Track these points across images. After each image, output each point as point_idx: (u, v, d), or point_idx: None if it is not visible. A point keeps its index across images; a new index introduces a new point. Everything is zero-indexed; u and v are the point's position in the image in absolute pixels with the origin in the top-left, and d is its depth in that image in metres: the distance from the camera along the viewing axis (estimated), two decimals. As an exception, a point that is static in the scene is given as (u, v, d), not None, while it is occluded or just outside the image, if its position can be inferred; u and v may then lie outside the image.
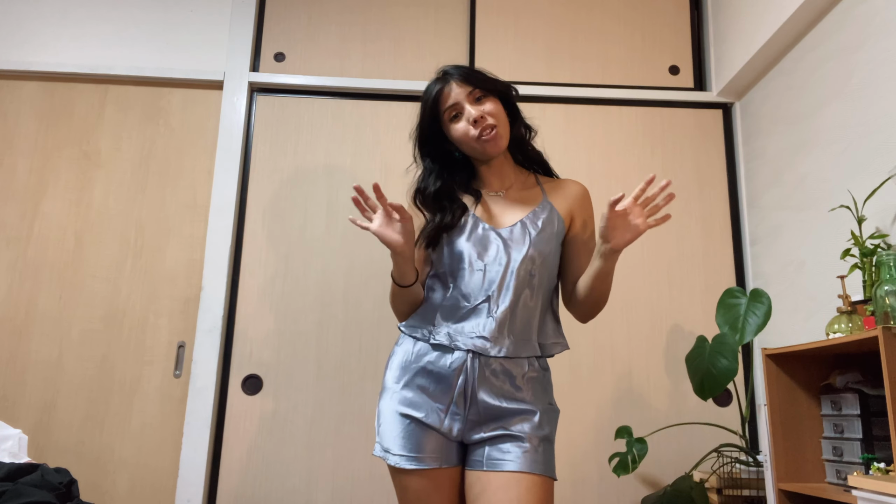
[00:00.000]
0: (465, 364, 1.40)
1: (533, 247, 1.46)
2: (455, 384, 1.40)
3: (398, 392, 1.44)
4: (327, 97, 2.80)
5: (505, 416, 1.39)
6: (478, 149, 1.50)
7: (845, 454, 1.71)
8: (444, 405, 1.40)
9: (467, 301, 1.45)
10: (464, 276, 1.46)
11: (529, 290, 1.45)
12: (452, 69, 1.53)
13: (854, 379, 1.72)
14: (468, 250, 1.47)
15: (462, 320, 1.43)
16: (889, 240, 1.82)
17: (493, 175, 1.57)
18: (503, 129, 1.50)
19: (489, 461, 1.36)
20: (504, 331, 1.41)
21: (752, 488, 2.06)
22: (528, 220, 1.49)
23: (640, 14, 2.93)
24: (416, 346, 1.46)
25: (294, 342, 2.57)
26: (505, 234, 1.48)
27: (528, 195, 1.55)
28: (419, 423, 1.39)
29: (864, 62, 1.99)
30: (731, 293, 2.18)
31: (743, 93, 2.75)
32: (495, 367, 1.41)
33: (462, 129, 1.49)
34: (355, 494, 2.46)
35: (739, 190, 2.75)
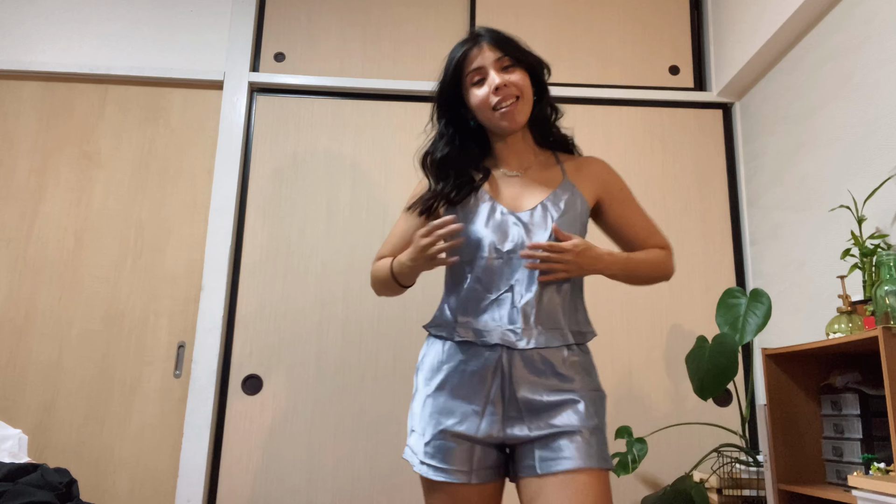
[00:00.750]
0: (499, 360, 1.32)
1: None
2: (490, 383, 1.32)
3: (430, 395, 1.36)
4: (327, 97, 2.80)
5: (548, 410, 1.30)
6: (493, 120, 1.40)
7: (845, 454, 1.71)
8: (479, 406, 1.31)
9: (489, 292, 1.36)
10: (483, 266, 1.36)
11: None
12: (485, 31, 1.43)
13: (854, 379, 1.72)
14: (487, 237, 1.37)
15: (485, 313, 1.35)
16: (889, 240, 1.82)
17: (510, 153, 1.47)
18: (524, 105, 1.40)
19: (542, 463, 1.26)
20: (531, 321, 1.33)
21: (752, 488, 2.06)
22: (549, 201, 1.40)
23: (640, 14, 2.93)
24: (446, 346, 1.38)
25: (294, 342, 2.57)
26: (525, 218, 1.38)
27: (547, 175, 1.45)
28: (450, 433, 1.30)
29: (864, 62, 1.99)
30: (731, 293, 2.18)
31: (743, 93, 2.75)
32: (532, 358, 1.32)
33: (481, 96, 1.39)
34: (355, 494, 2.46)
35: (739, 190, 2.75)
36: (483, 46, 1.41)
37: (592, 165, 1.50)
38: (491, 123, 1.42)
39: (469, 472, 1.29)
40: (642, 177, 2.76)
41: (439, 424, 1.32)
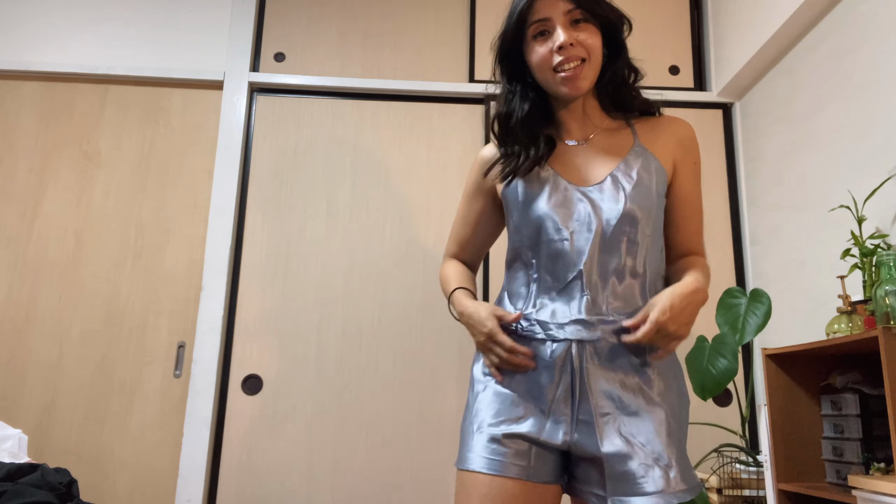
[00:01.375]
0: (567, 353, 1.14)
1: (630, 202, 1.17)
2: (558, 380, 1.14)
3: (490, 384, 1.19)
4: (327, 97, 2.80)
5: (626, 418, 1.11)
6: (552, 82, 1.21)
7: (845, 454, 1.71)
8: (545, 405, 1.15)
9: (555, 278, 1.18)
10: (547, 249, 1.19)
11: (630, 257, 1.18)
12: None
13: (854, 379, 1.72)
14: (550, 216, 1.19)
15: (552, 302, 1.18)
16: (889, 240, 1.82)
17: (573, 119, 1.27)
18: (591, 70, 1.20)
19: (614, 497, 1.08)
20: (603, 310, 1.15)
21: (752, 488, 2.06)
22: (620, 171, 1.20)
23: (640, 14, 2.93)
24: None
25: (294, 342, 2.57)
26: (592, 194, 1.19)
27: (616, 141, 1.26)
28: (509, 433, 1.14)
29: (864, 62, 1.99)
30: (731, 293, 2.18)
31: (743, 93, 2.75)
32: (607, 352, 1.14)
33: (542, 53, 1.20)
34: (355, 494, 2.46)
35: (739, 190, 2.75)
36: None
37: (673, 126, 1.29)
38: (549, 86, 1.22)
39: (526, 467, 1.12)
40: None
41: (498, 417, 1.16)
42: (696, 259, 1.28)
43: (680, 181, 1.27)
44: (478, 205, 1.35)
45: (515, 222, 1.25)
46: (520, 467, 1.12)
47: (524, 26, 1.22)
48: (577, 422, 1.13)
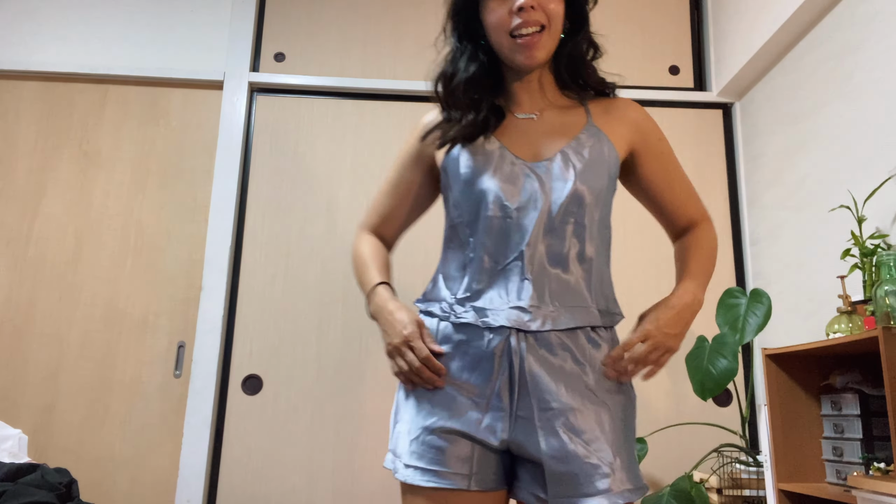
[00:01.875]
0: (506, 344, 1.05)
1: (579, 181, 1.08)
2: (496, 372, 1.05)
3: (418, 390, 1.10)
4: (327, 97, 2.80)
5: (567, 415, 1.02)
6: (506, 48, 1.11)
7: (845, 454, 1.71)
8: (482, 399, 1.05)
9: (494, 260, 1.09)
10: (487, 227, 1.09)
11: (577, 239, 1.09)
12: None
13: (854, 379, 1.72)
14: (493, 191, 1.09)
15: (490, 287, 1.08)
16: (889, 240, 1.82)
17: (525, 91, 1.18)
18: (550, 39, 1.11)
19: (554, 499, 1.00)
20: (545, 296, 1.06)
21: (752, 488, 2.06)
22: (571, 149, 1.11)
23: (640, 14, 2.93)
24: (441, 326, 1.11)
25: (294, 342, 2.57)
26: (541, 170, 1.10)
27: (569, 119, 1.17)
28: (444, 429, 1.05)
29: (864, 62, 1.99)
30: (731, 293, 2.18)
31: (743, 93, 2.75)
32: (549, 343, 1.05)
33: (499, 14, 1.10)
34: (355, 494, 2.46)
35: (739, 190, 2.75)
36: None
37: (626, 108, 1.21)
38: (503, 52, 1.13)
39: (468, 475, 1.03)
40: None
41: (430, 418, 1.06)
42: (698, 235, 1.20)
43: (649, 160, 1.20)
44: (411, 174, 1.22)
45: (455, 196, 1.14)
46: (461, 476, 1.03)
47: None
48: (515, 418, 1.04)
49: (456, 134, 1.13)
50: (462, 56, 1.17)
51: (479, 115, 1.13)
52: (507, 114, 1.17)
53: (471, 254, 1.11)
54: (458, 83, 1.15)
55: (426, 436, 1.05)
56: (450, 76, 1.17)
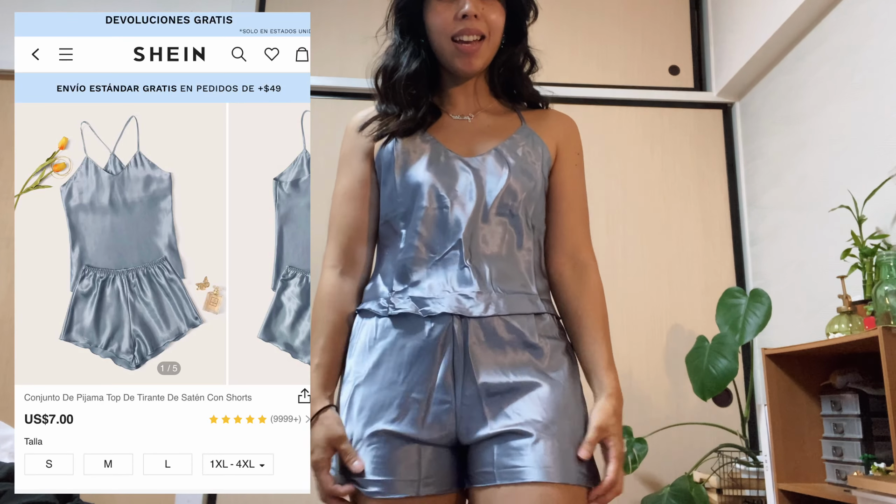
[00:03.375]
0: (448, 331, 1.02)
1: (512, 176, 1.10)
2: (437, 362, 1.02)
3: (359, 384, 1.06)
4: (327, 97, 2.80)
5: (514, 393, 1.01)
6: (446, 51, 1.13)
7: (845, 454, 1.71)
8: (423, 394, 1.01)
9: (432, 251, 1.08)
10: (424, 218, 1.09)
11: (515, 230, 1.10)
12: None
13: (854, 379, 1.73)
14: (428, 182, 1.09)
15: (428, 277, 1.07)
16: (889, 240, 1.82)
17: (461, 94, 1.20)
18: (489, 48, 1.13)
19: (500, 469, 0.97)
20: (487, 283, 1.05)
21: (752, 488, 2.06)
22: (505, 147, 1.13)
23: (640, 14, 2.93)
24: (379, 322, 1.08)
25: (294, 342, 2.57)
26: (475, 164, 1.11)
27: (502, 121, 1.19)
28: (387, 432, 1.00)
29: (865, 62, 1.99)
30: (731, 293, 2.18)
31: (743, 93, 2.75)
32: (494, 327, 1.03)
33: (443, 19, 1.11)
34: (355, 494, 2.45)
35: (739, 190, 2.75)
36: None
37: (557, 116, 1.23)
38: (443, 55, 1.14)
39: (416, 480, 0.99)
40: (642, 177, 2.76)
41: (372, 422, 1.02)
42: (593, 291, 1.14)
43: (563, 167, 1.18)
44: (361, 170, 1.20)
45: (389, 190, 1.14)
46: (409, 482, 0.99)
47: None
48: (462, 405, 1.01)
49: (395, 127, 1.15)
50: (404, 52, 1.19)
51: (419, 111, 1.15)
52: (443, 113, 1.18)
53: (406, 244, 1.10)
54: (400, 78, 1.17)
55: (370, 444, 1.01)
56: (390, 70, 1.20)
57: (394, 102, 1.18)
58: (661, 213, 2.73)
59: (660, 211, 2.73)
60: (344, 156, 1.25)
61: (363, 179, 1.21)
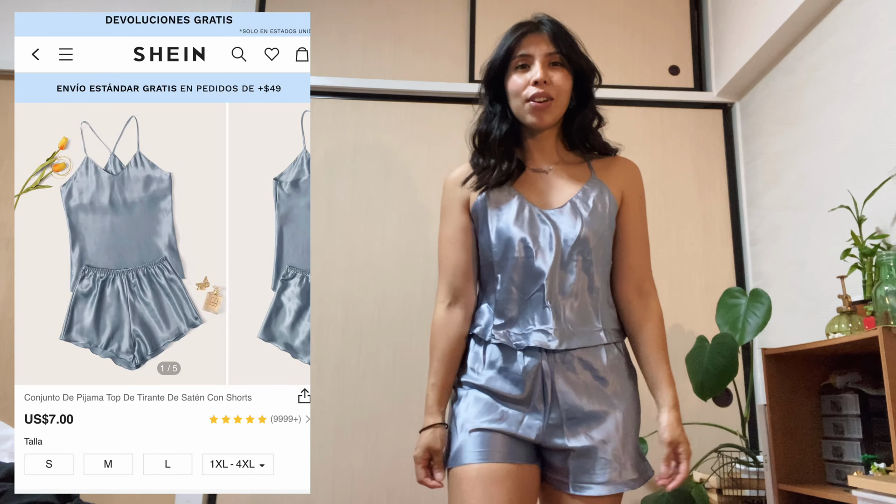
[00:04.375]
0: (539, 363, 1.30)
1: (586, 227, 1.34)
2: (531, 388, 1.30)
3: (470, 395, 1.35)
4: (327, 97, 2.80)
5: (588, 420, 1.29)
6: (522, 110, 1.38)
7: (845, 454, 1.71)
8: (520, 412, 1.31)
9: (522, 292, 1.34)
10: (515, 265, 1.34)
11: (586, 274, 1.34)
12: (548, 21, 1.42)
13: (854, 379, 1.72)
14: (517, 235, 1.34)
15: (519, 314, 1.34)
16: (889, 240, 1.82)
17: (538, 149, 1.43)
18: (557, 107, 1.38)
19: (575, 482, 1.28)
20: (562, 321, 1.31)
21: (752, 488, 2.06)
22: (578, 199, 1.37)
23: (639, 14, 2.93)
24: (487, 349, 1.36)
25: (294, 342, 2.57)
26: (554, 216, 1.36)
27: (575, 172, 1.42)
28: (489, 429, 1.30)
29: (864, 62, 1.99)
30: (731, 293, 2.18)
31: (743, 93, 2.75)
32: (571, 361, 1.31)
33: (519, 83, 1.37)
34: (355, 494, 2.46)
35: (739, 190, 2.75)
36: (540, 35, 1.39)
37: (622, 163, 1.47)
38: (520, 112, 1.39)
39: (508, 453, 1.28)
40: (642, 177, 2.75)
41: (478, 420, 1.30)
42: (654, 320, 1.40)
43: (625, 209, 1.42)
44: (460, 219, 1.43)
45: (486, 239, 1.38)
46: (502, 454, 1.27)
47: (510, 57, 1.39)
48: (547, 425, 1.30)
49: (492, 180, 1.39)
50: (495, 117, 1.43)
51: (512, 164, 1.40)
52: (525, 167, 1.43)
53: (502, 287, 1.36)
54: (494, 139, 1.41)
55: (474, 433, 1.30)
56: (485, 133, 1.43)
57: (490, 157, 1.42)
58: (661, 213, 2.73)
59: (660, 211, 2.73)
60: (444, 207, 1.46)
61: (464, 227, 1.43)
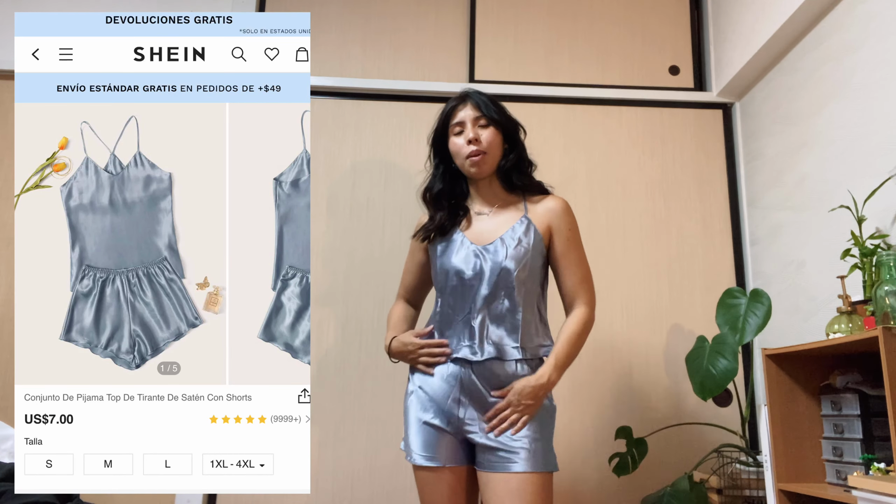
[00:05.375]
0: (460, 371, 1.62)
1: (509, 259, 1.63)
2: (454, 390, 1.62)
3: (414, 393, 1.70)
4: (327, 97, 2.80)
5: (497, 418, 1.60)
6: (464, 166, 1.70)
7: (845, 454, 1.71)
8: (445, 408, 1.63)
9: (455, 314, 1.66)
10: (452, 291, 1.67)
11: (508, 299, 1.62)
12: (474, 94, 1.73)
13: (854, 379, 1.72)
14: (455, 266, 1.67)
15: (453, 331, 1.66)
16: (889, 240, 1.82)
17: (480, 194, 1.76)
18: (491, 158, 1.69)
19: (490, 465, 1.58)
20: (483, 337, 1.62)
21: (752, 488, 2.06)
22: (507, 235, 1.67)
23: (639, 14, 2.93)
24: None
25: (294, 342, 2.56)
26: (486, 250, 1.66)
27: (510, 214, 1.72)
28: (430, 426, 1.63)
29: (864, 62, 1.99)
30: (731, 293, 2.18)
31: (743, 93, 2.75)
32: (483, 372, 1.61)
33: (458, 144, 1.71)
34: (355, 494, 2.46)
35: (739, 190, 2.75)
36: (467, 105, 1.71)
37: (551, 202, 1.73)
38: (463, 168, 1.72)
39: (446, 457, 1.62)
40: (642, 177, 2.76)
41: (421, 417, 1.65)
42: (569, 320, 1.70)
43: (557, 242, 1.70)
44: (416, 258, 1.85)
45: (434, 270, 1.75)
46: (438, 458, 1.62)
47: (448, 125, 1.74)
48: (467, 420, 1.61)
49: (432, 229, 1.74)
50: (436, 177, 1.79)
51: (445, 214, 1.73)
52: (472, 210, 1.76)
53: (442, 309, 1.70)
54: (432, 195, 1.77)
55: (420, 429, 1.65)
56: (430, 189, 1.79)
57: (434, 210, 1.77)
58: (661, 213, 2.73)
59: (660, 211, 2.73)
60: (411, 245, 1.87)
61: (418, 263, 1.85)
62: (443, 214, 1.74)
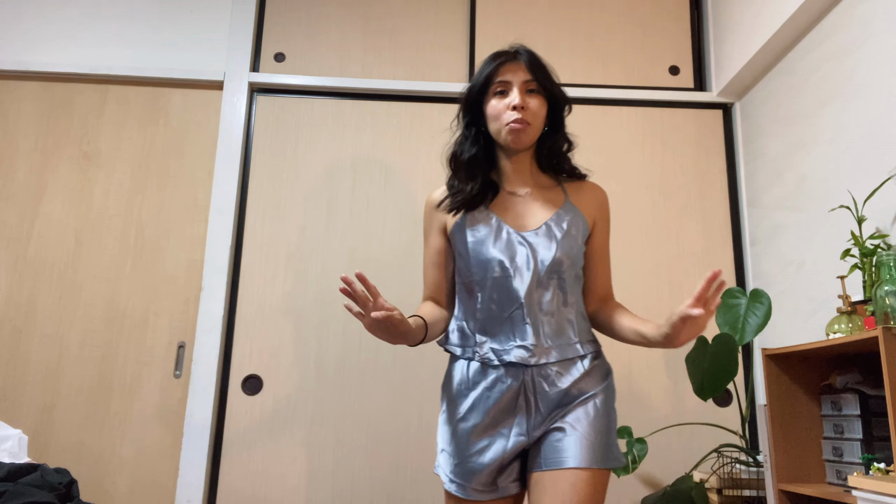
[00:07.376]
0: (521, 379, 1.39)
1: (560, 249, 1.43)
2: (515, 402, 1.39)
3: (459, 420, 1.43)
4: (327, 97, 2.80)
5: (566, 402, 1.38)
6: (501, 132, 1.46)
7: (845, 454, 1.71)
8: (506, 429, 1.40)
9: (501, 310, 1.42)
10: (494, 285, 1.43)
11: (561, 292, 1.43)
12: (524, 51, 1.48)
13: (854, 379, 1.72)
14: (496, 257, 1.43)
15: (500, 331, 1.42)
16: (889, 240, 1.82)
17: (514, 171, 1.52)
18: (533, 131, 1.46)
19: (545, 461, 1.35)
20: (541, 337, 1.40)
21: (752, 488, 2.06)
22: (553, 221, 1.46)
23: (640, 14, 2.93)
24: (470, 367, 1.44)
25: (294, 342, 2.57)
26: (531, 238, 1.44)
27: (550, 196, 1.51)
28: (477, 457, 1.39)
29: (864, 62, 1.99)
30: (731, 293, 2.18)
31: (743, 93, 2.75)
32: (549, 374, 1.40)
33: (498, 108, 1.46)
34: (355, 494, 2.46)
35: (739, 190, 2.75)
36: (517, 64, 1.47)
37: (595, 191, 1.56)
38: (498, 136, 1.47)
39: (494, 489, 1.40)
40: (642, 177, 2.76)
41: (468, 450, 1.40)
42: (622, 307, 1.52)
43: (595, 235, 1.53)
44: (438, 242, 1.55)
45: (465, 262, 1.47)
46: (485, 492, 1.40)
47: (489, 83, 1.47)
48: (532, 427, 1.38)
49: (462, 200, 1.48)
50: (467, 140, 1.52)
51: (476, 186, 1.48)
52: (501, 189, 1.52)
53: (483, 306, 1.44)
54: (462, 161, 1.51)
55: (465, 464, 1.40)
56: (458, 155, 1.52)
57: (460, 180, 1.51)
58: (661, 213, 2.73)
59: (660, 211, 2.73)
60: (425, 229, 1.58)
61: (440, 250, 1.54)
62: (474, 185, 1.48)
